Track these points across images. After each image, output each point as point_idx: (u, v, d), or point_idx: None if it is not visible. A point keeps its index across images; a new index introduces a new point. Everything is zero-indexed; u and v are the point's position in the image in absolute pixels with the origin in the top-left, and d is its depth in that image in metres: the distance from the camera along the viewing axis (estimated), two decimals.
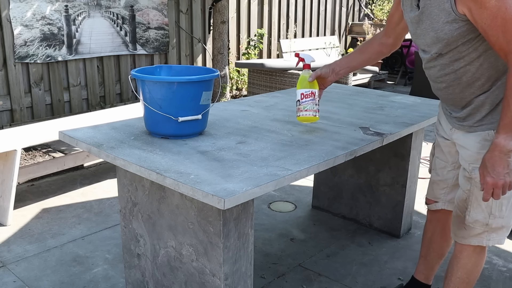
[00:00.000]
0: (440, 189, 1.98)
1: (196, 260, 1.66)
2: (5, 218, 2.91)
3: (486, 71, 1.59)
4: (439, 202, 2.00)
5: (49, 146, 4.24)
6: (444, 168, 1.93)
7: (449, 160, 1.90)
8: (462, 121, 1.73)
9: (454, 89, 1.67)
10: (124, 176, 1.92)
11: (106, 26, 4.96)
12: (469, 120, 1.70)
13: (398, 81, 7.93)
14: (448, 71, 1.65)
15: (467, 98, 1.67)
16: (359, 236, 2.86)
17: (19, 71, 4.39)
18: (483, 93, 1.63)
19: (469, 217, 1.75)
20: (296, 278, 2.42)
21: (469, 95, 1.65)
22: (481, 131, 1.67)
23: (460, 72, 1.62)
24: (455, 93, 1.68)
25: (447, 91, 1.71)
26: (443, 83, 1.70)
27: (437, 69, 1.68)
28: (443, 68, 1.66)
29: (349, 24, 8.46)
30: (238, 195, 1.36)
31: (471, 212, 1.74)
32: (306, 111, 1.96)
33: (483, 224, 1.73)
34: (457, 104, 1.72)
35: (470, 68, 1.60)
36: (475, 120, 1.68)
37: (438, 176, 1.97)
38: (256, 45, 6.57)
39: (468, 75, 1.61)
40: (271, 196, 3.40)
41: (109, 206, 3.22)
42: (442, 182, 1.96)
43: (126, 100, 5.33)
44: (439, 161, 1.95)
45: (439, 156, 1.94)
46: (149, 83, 1.77)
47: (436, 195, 2.00)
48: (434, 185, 2.00)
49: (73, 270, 2.46)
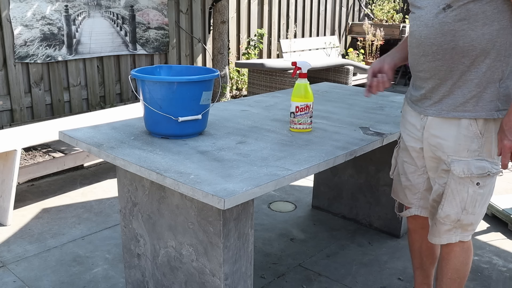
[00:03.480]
0: (412, 194, 1.90)
1: (196, 260, 1.66)
2: (5, 218, 2.91)
3: (486, 43, 1.52)
4: (412, 208, 1.93)
5: (49, 146, 4.24)
6: (414, 173, 1.85)
7: (418, 164, 1.82)
8: (439, 103, 1.64)
9: (444, 54, 1.57)
10: (124, 176, 1.92)
11: (106, 26, 4.96)
12: (448, 101, 1.61)
13: (398, 81, 7.93)
14: (446, 30, 1.55)
15: (454, 70, 1.57)
16: (359, 236, 2.86)
17: (19, 71, 4.39)
18: (474, 69, 1.55)
19: (442, 211, 1.71)
20: (296, 278, 2.42)
21: (458, 65, 1.56)
22: (462, 118, 1.60)
23: (459, 35, 1.53)
24: (444, 59, 1.58)
25: (435, 56, 1.60)
26: (434, 46, 1.59)
27: (434, 27, 1.57)
28: (442, 26, 1.55)
29: (349, 24, 8.46)
30: (238, 195, 1.36)
31: (444, 206, 1.70)
32: (300, 124, 1.97)
33: (454, 220, 1.70)
34: (439, 77, 1.62)
35: (471, 34, 1.52)
36: (456, 102, 1.60)
37: (408, 181, 1.88)
38: (256, 45, 6.57)
39: (466, 39, 1.52)
40: (271, 196, 3.40)
41: (109, 206, 3.22)
42: (413, 187, 1.88)
43: (126, 100, 5.33)
44: (408, 166, 1.86)
45: (407, 160, 1.86)
46: (149, 83, 1.78)
47: (409, 201, 1.92)
48: (406, 191, 1.91)
49: (73, 270, 2.46)
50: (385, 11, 8.31)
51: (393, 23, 8.05)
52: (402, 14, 8.35)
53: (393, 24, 7.97)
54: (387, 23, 8.15)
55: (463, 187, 1.65)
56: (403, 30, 7.73)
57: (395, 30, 7.79)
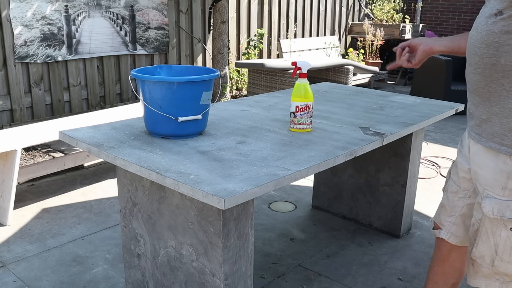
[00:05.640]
0: (446, 216, 1.73)
1: (196, 260, 1.66)
2: (5, 218, 2.91)
3: None
4: (442, 230, 1.76)
5: (49, 146, 4.23)
6: (456, 194, 1.68)
7: (462, 185, 1.65)
8: (479, 127, 1.43)
9: (484, 69, 1.35)
10: (124, 176, 1.92)
11: (106, 26, 4.96)
12: (486, 128, 1.39)
13: (398, 81, 7.93)
14: (490, 41, 1.31)
15: (492, 91, 1.34)
16: (359, 236, 2.86)
17: (19, 71, 4.39)
18: None
19: (476, 250, 1.50)
20: (296, 278, 2.42)
21: (496, 87, 1.33)
22: (499, 152, 1.37)
23: (503, 50, 1.28)
24: (483, 75, 1.35)
25: (476, 69, 1.38)
26: (476, 56, 1.37)
27: (481, 35, 1.35)
28: (488, 35, 1.32)
29: (349, 24, 8.46)
30: (238, 195, 1.36)
31: (479, 245, 1.49)
32: (300, 124, 1.97)
33: (489, 263, 1.47)
34: (478, 94, 1.40)
35: None
36: (494, 131, 1.37)
37: (447, 200, 1.72)
38: (256, 45, 6.57)
39: (509, 58, 1.28)
40: (271, 196, 3.40)
41: (109, 206, 3.22)
42: (450, 209, 1.71)
43: (126, 100, 5.33)
44: (452, 184, 1.70)
45: (454, 178, 1.69)
46: (149, 83, 1.78)
47: (442, 221, 1.76)
48: (442, 209, 1.76)
49: (73, 270, 2.46)
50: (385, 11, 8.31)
51: (393, 23, 8.05)
52: (402, 14, 8.35)
53: (393, 24, 7.97)
54: (387, 23, 8.15)
55: (496, 229, 1.43)
56: (403, 30, 7.73)
57: (395, 30, 7.79)
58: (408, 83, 7.78)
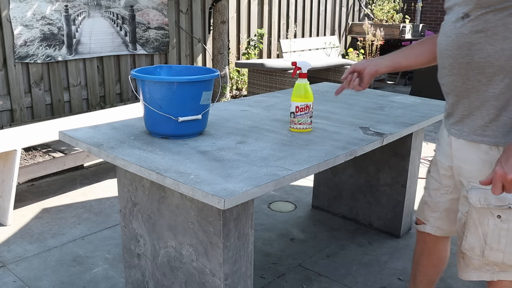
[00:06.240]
0: (430, 212, 1.80)
1: (196, 260, 1.66)
2: (5, 218, 2.91)
3: (505, 60, 1.34)
4: (427, 225, 1.82)
5: (49, 146, 4.24)
6: (438, 190, 1.75)
7: (443, 182, 1.72)
8: (461, 123, 1.50)
9: (460, 69, 1.43)
10: (124, 176, 1.92)
11: (106, 26, 4.96)
12: (468, 122, 1.47)
13: (398, 81, 7.94)
14: (461, 42, 1.40)
15: (470, 88, 1.43)
16: (359, 236, 2.86)
17: (19, 71, 4.39)
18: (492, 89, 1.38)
19: (465, 242, 1.55)
20: (296, 278, 2.42)
21: (474, 83, 1.41)
22: (483, 144, 1.44)
23: (475, 48, 1.38)
24: (460, 74, 1.44)
25: (451, 70, 1.47)
26: (450, 58, 1.46)
27: (451, 38, 1.44)
28: (458, 37, 1.41)
29: (349, 24, 8.46)
30: (238, 195, 1.36)
31: (468, 238, 1.54)
32: (300, 124, 1.97)
33: (479, 254, 1.52)
34: (456, 94, 1.49)
35: (488, 48, 1.36)
36: (476, 125, 1.45)
37: (430, 197, 1.79)
38: (256, 45, 6.57)
39: (482, 54, 1.37)
40: (271, 196, 3.40)
41: (109, 206, 3.22)
42: (434, 205, 1.78)
43: (126, 100, 5.33)
44: (433, 181, 1.77)
45: (434, 175, 1.76)
46: (149, 83, 1.77)
47: (426, 217, 1.82)
48: (425, 206, 1.83)
49: (73, 270, 2.46)
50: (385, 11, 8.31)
51: (393, 23, 8.05)
52: (402, 14, 8.35)
53: (393, 24, 7.97)
54: (387, 23, 8.15)
55: (483, 218, 1.49)
56: (403, 30, 7.73)
57: (395, 30, 7.79)
58: (408, 83, 7.78)
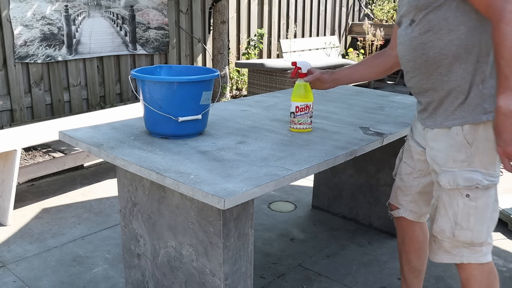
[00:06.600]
0: (403, 196, 1.88)
1: (196, 260, 1.66)
2: (5, 218, 2.91)
3: (456, 49, 1.49)
4: (400, 209, 1.91)
5: (49, 146, 4.24)
6: (410, 175, 1.84)
7: (417, 167, 1.81)
8: (434, 115, 1.62)
9: (420, 68, 1.58)
10: (124, 176, 1.92)
11: (106, 26, 4.96)
12: (440, 111, 1.59)
13: (398, 81, 7.94)
14: (415, 45, 1.57)
15: (435, 82, 1.56)
16: (359, 236, 2.86)
17: (19, 71, 4.39)
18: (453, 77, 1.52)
19: (436, 225, 1.64)
20: (296, 278, 2.42)
21: (436, 76, 1.55)
22: (452, 127, 1.56)
23: (428, 46, 1.53)
24: (422, 73, 1.58)
25: (414, 72, 1.61)
26: (410, 62, 1.61)
27: (406, 44, 1.60)
28: (411, 41, 1.58)
29: (349, 24, 8.46)
30: (238, 195, 1.36)
31: (438, 220, 1.64)
32: (300, 124, 1.97)
33: (449, 236, 1.61)
34: (424, 90, 1.62)
35: (439, 43, 1.51)
36: (447, 111, 1.57)
37: (402, 182, 1.88)
38: (256, 45, 6.57)
39: (435, 50, 1.52)
40: (271, 196, 3.40)
41: (109, 206, 3.22)
42: (406, 189, 1.87)
43: (126, 100, 5.33)
44: (406, 167, 1.86)
45: (407, 161, 1.85)
46: (149, 83, 1.78)
47: (399, 201, 1.90)
48: (398, 191, 1.91)
49: (73, 270, 2.46)
50: (385, 11, 8.31)
51: (393, 23, 8.05)
52: None
53: (393, 24, 7.97)
54: (387, 23, 8.15)
55: (453, 200, 1.59)
56: None
57: None
58: None
